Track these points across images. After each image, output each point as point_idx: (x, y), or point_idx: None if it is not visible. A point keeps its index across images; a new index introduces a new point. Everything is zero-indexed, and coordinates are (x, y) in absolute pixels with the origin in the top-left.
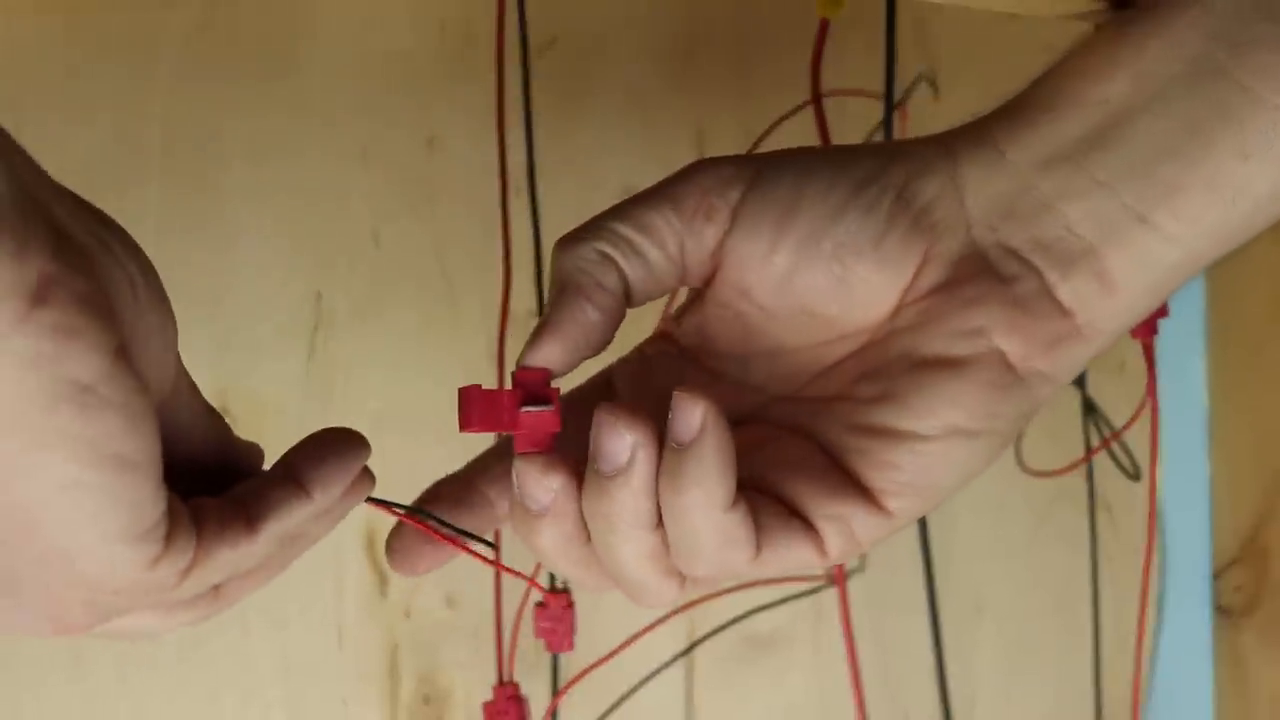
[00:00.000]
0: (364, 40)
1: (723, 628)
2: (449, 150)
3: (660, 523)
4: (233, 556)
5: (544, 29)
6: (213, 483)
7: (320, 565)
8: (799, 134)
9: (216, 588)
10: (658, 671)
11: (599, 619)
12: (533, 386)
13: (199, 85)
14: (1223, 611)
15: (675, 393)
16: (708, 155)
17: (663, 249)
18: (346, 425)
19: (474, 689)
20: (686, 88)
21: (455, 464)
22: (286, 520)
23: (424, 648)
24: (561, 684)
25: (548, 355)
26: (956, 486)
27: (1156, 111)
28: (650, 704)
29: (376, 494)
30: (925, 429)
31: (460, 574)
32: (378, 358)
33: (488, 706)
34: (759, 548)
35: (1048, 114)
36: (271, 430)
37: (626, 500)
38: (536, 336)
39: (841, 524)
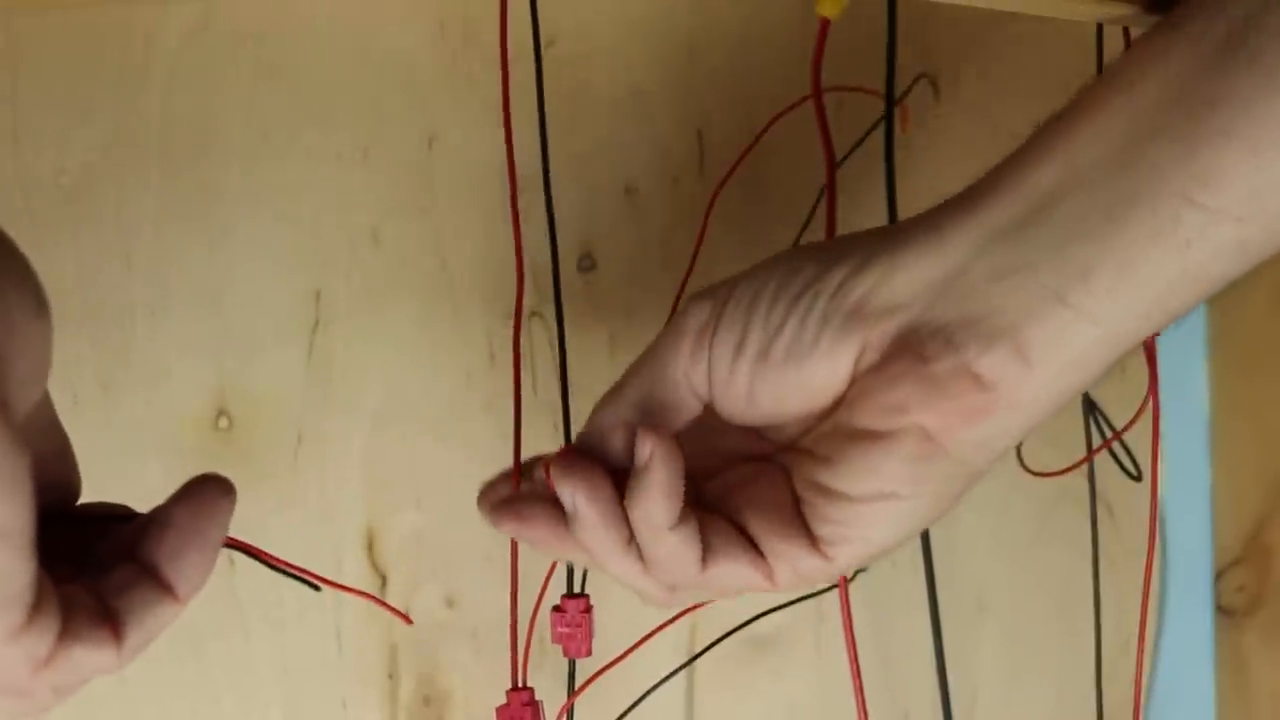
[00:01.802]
0: (364, 39)
1: (730, 633)
2: (450, 150)
3: (631, 541)
4: (91, 661)
5: (544, 29)
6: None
7: (320, 566)
8: (799, 134)
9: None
10: (668, 678)
11: (602, 621)
12: None
13: (198, 84)
14: (1224, 612)
15: (638, 429)
16: (708, 155)
17: (681, 400)
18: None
19: (474, 690)
20: (686, 88)
21: (455, 463)
22: (151, 628)
23: (424, 649)
24: (566, 686)
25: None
26: (895, 539)
27: (1079, 196)
28: (651, 704)
29: (375, 494)
30: (855, 491)
31: (460, 575)
32: (378, 357)
33: (501, 711)
34: (705, 564)
35: (988, 199)
36: (271, 430)
37: (590, 534)
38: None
39: (786, 561)
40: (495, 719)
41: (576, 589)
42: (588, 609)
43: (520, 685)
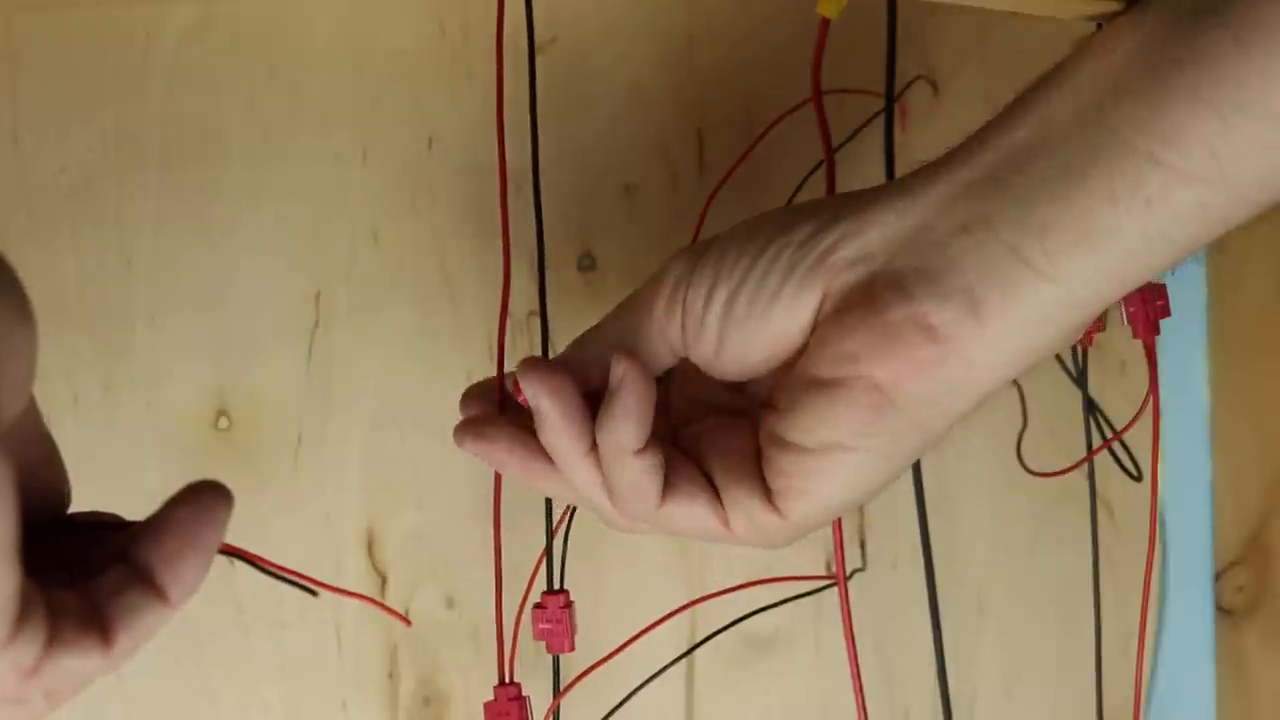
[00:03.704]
0: (363, 39)
1: (724, 628)
2: (450, 150)
3: (592, 450)
4: (81, 667)
5: (544, 28)
6: (28, 500)
7: (319, 566)
8: (799, 133)
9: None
10: (661, 671)
11: (600, 619)
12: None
13: (198, 84)
14: (1224, 612)
15: (614, 356)
16: (708, 156)
17: (654, 349)
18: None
19: (474, 690)
20: (686, 87)
21: (455, 463)
22: (142, 633)
23: (424, 649)
24: (562, 683)
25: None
26: (844, 500)
27: (1046, 155)
28: (650, 704)
29: (375, 494)
30: (806, 441)
31: (460, 575)
32: (378, 357)
33: (489, 706)
34: (664, 499)
35: (959, 157)
36: (271, 430)
37: (553, 435)
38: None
39: (743, 510)
40: (483, 715)
41: (557, 585)
42: (568, 604)
43: (508, 681)
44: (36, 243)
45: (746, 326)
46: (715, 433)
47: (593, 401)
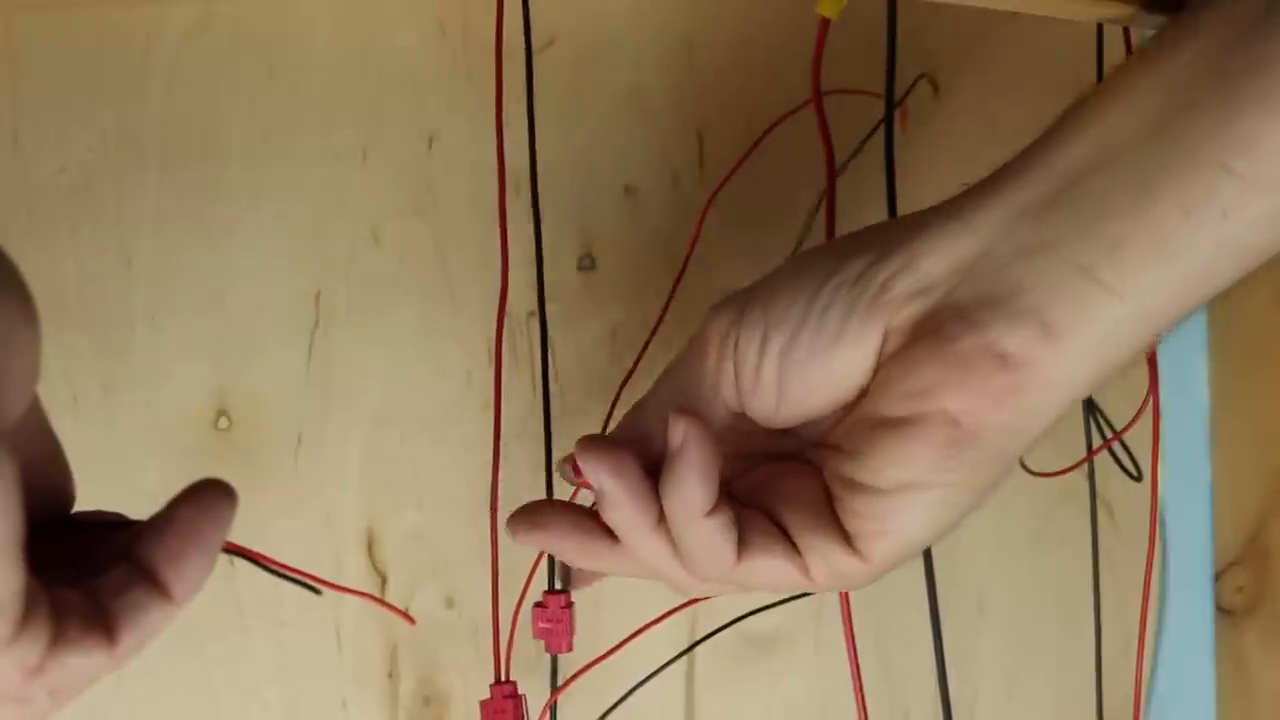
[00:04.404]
0: (364, 39)
1: (724, 627)
2: (449, 149)
3: (660, 523)
4: (86, 666)
5: (544, 28)
6: (32, 499)
7: (319, 566)
8: (800, 133)
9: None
10: (659, 670)
11: (599, 618)
12: None
13: (198, 84)
14: (1224, 612)
15: (671, 415)
16: (708, 156)
17: (710, 410)
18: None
19: (474, 690)
20: (686, 88)
21: (455, 463)
22: (147, 631)
23: (424, 649)
24: (550, 682)
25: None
26: (926, 537)
27: (1109, 170)
28: (650, 703)
29: (375, 494)
30: (880, 482)
31: (460, 575)
32: (378, 357)
33: (485, 704)
34: (740, 556)
35: (1014, 178)
36: (271, 430)
37: (618, 513)
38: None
39: (821, 557)
40: (479, 712)
41: (558, 585)
42: (568, 604)
43: (504, 679)
44: (36, 243)
45: (807, 373)
46: (777, 480)
47: (654, 474)
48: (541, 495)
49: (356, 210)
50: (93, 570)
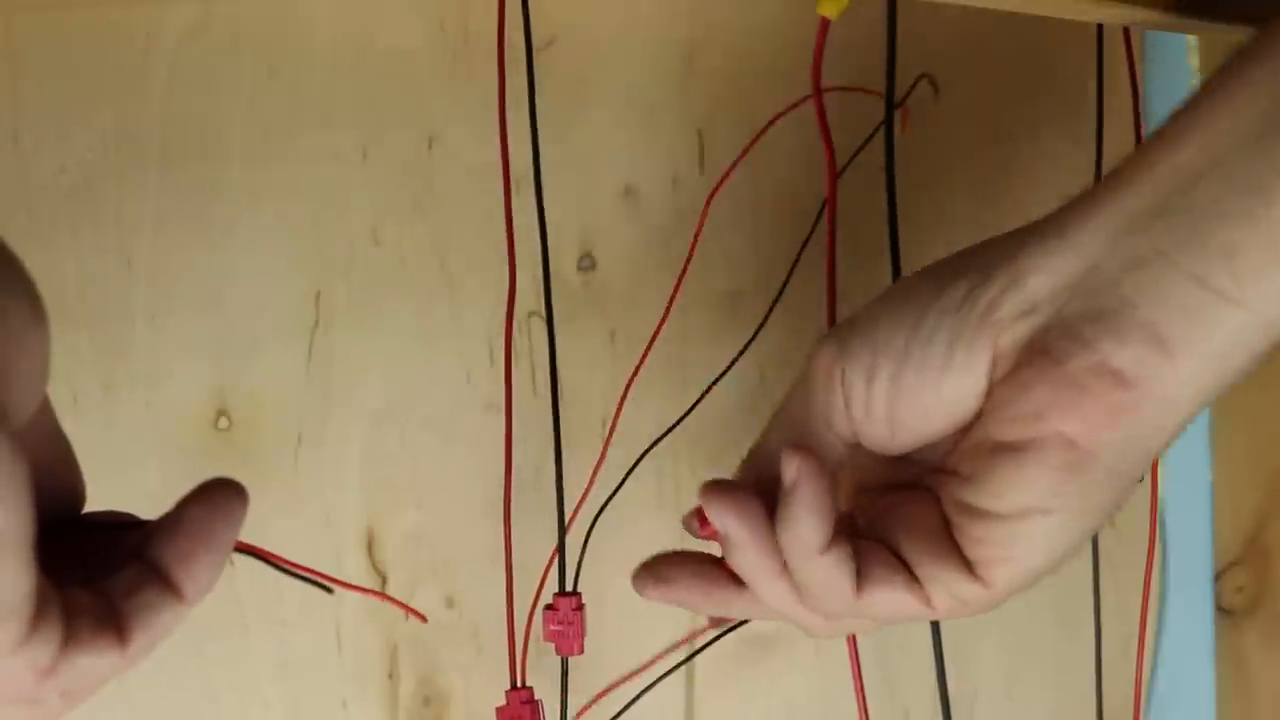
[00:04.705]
0: (363, 38)
1: (726, 632)
2: (449, 149)
3: (787, 568)
4: (97, 666)
5: (544, 28)
6: (43, 499)
7: (319, 566)
8: (800, 134)
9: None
10: (664, 676)
11: (603, 621)
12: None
13: (198, 84)
14: (1224, 612)
15: (783, 451)
16: (708, 156)
17: (824, 444)
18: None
19: (474, 691)
20: (686, 87)
21: (455, 463)
22: (158, 631)
23: (424, 649)
24: (567, 685)
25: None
26: (1049, 561)
27: (1220, 174)
28: (650, 703)
29: (375, 494)
30: (1000, 508)
31: (460, 575)
32: (377, 357)
33: (501, 711)
34: (860, 590)
35: (1117, 190)
36: (271, 430)
37: (744, 559)
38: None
39: (942, 585)
40: (495, 719)
41: (569, 587)
42: (579, 607)
43: (519, 684)
44: (36, 243)
45: (918, 400)
46: (895, 510)
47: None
48: (544, 495)
49: (356, 210)
50: (104, 571)
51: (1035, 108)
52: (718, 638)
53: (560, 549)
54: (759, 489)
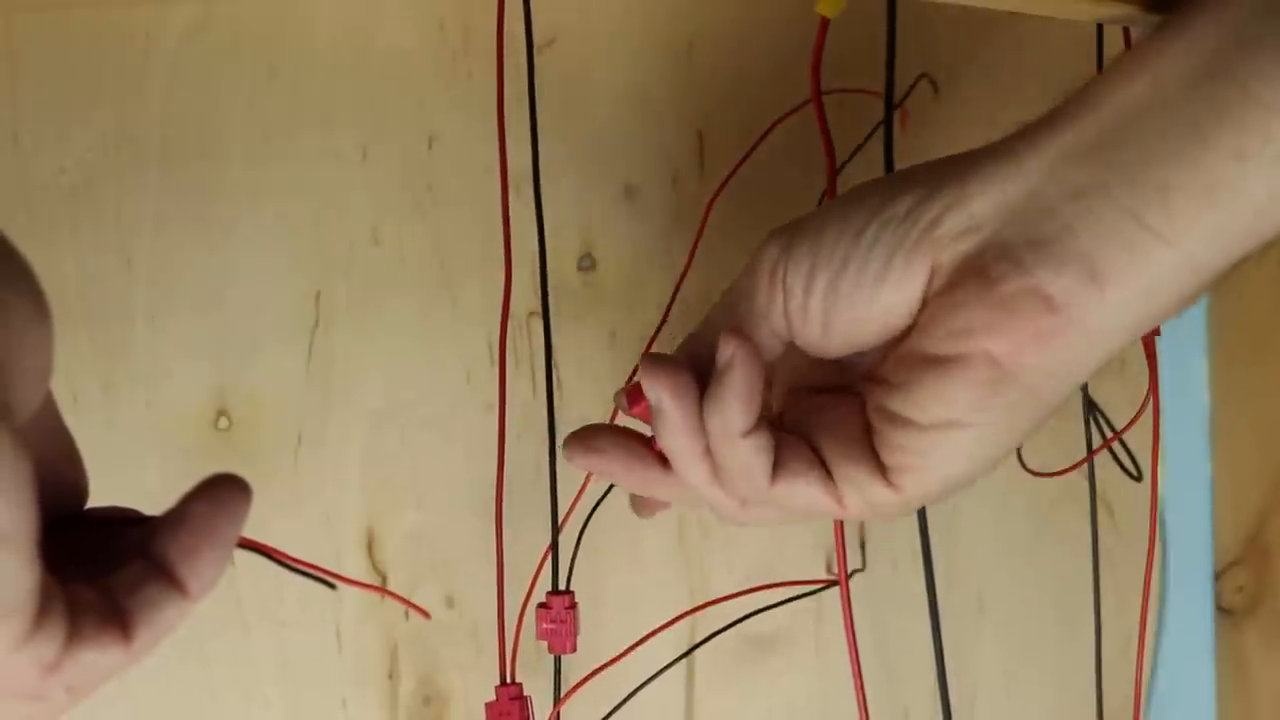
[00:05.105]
0: (363, 38)
1: (725, 628)
2: (449, 149)
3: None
4: (102, 662)
5: (544, 28)
6: (46, 496)
7: (320, 565)
8: (800, 134)
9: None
10: (661, 671)
11: (601, 620)
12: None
13: (198, 84)
14: (1224, 612)
15: (722, 334)
16: (708, 156)
17: (761, 339)
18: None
19: (474, 690)
20: (686, 88)
21: (455, 463)
22: (162, 627)
23: (424, 649)
24: (562, 683)
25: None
26: (962, 474)
27: (1163, 112)
28: (650, 703)
29: (375, 494)
30: (922, 418)
31: (460, 575)
32: (377, 357)
33: (490, 707)
34: (775, 478)
35: (1066, 119)
36: (271, 430)
37: (673, 436)
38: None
39: (855, 487)
40: (485, 714)
41: (561, 586)
42: (572, 605)
43: (509, 681)
44: (36, 243)
45: (853, 307)
46: (821, 410)
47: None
48: (542, 495)
49: (356, 210)
50: (108, 566)
51: (1035, 108)
52: (716, 634)
53: (554, 547)
54: (696, 370)
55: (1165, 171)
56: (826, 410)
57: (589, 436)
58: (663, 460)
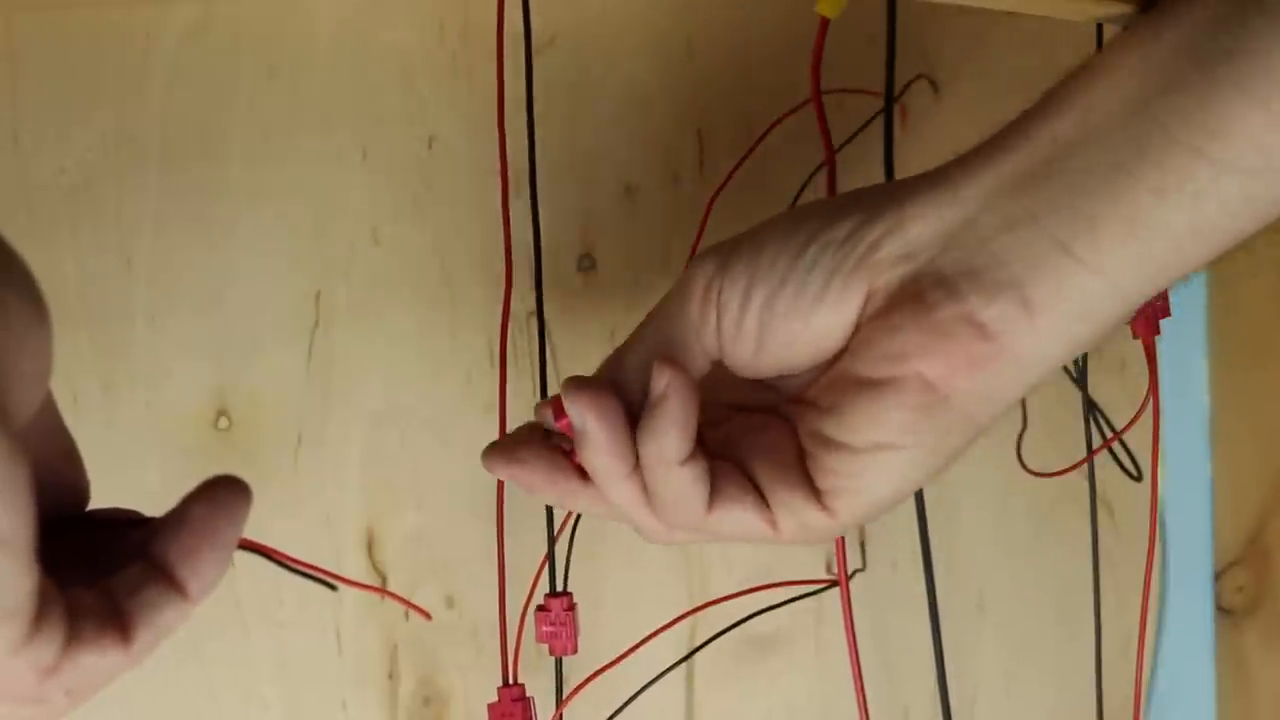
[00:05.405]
0: (363, 39)
1: (726, 630)
2: (449, 150)
3: (635, 469)
4: (101, 665)
5: (544, 28)
6: (46, 497)
7: (320, 565)
8: (800, 134)
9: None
10: (662, 675)
11: (601, 621)
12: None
13: (198, 84)
14: (1224, 612)
15: (655, 362)
16: (708, 156)
17: (690, 358)
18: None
19: (474, 690)
20: (686, 87)
21: (455, 463)
22: (162, 629)
23: (424, 649)
24: (563, 683)
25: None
26: (892, 496)
27: (1090, 148)
28: (651, 704)
29: (375, 494)
30: (854, 441)
31: (460, 575)
32: (377, 357)
33: (493, 708)
34: (711, 506)
35: (1001, 150)
36: (271, 430)
37: (597, 457)
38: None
39: (790, 511)
40: (487, 716)
41: (560, 587)
42: (571, 607)
43: (511, 682)
44: (36, 243)
45: (788, 328)
46: (750, 434)
47: (632, 418)
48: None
49: (356, 210)
50: (108, 568)
51: None
52: (717, 635)
53: (550, 550)
54: (620, 390)
55: (1092, 204)
56: (757, 434)
57: (510, 446)
58: (583, 474)
